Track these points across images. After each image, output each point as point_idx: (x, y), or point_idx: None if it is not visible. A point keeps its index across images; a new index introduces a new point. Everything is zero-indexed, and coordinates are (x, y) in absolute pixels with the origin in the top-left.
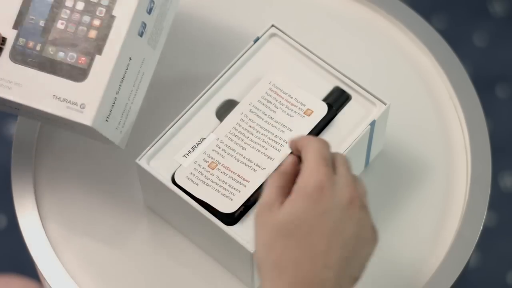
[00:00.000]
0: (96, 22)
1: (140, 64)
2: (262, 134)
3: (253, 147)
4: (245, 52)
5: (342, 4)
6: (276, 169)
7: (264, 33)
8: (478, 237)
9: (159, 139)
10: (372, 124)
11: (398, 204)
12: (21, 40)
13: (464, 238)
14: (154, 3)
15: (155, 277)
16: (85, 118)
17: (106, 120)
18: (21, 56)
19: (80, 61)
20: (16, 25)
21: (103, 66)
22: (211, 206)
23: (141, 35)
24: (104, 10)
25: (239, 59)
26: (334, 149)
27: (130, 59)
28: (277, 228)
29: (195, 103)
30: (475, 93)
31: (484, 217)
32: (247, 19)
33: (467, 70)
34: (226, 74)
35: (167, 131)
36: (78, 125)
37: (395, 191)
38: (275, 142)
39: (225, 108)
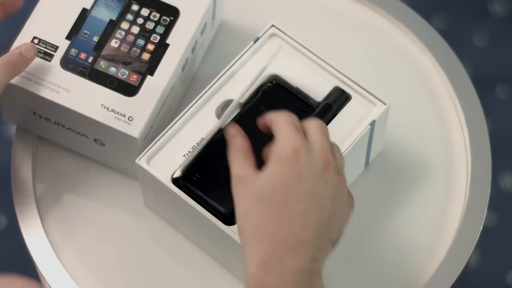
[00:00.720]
0: (150, 47)
1: (174, 95)
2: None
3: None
4: (245, 52)
5: (342, 4)
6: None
7: (264, 33)
8: (478, 237)
9: (159, 139)
10: (372, 124)
11: (398, 204)
12: (73, 51)
13: (464, 238)
14: (196, 44)
15: (155, 277)
16: (132, 130)
17: (143, 139)
18: (72, 65)
19: (131, 78)
20: (69, 37)
21: (154, 86)
22: (211, 206)
23: (182, 69)
24: (158, 37)
25: (239, 59)
26: None
27: (172, 88)
28: (255, 195)
29: (195, 103)
30: (475, 93)
31: (484, 217)
32: (247, 19)
33: (467, 70)
34: (226, 74)
35: (167, 131)
36: (114, 139)
37: (395, 191)
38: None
39: (225, 108)
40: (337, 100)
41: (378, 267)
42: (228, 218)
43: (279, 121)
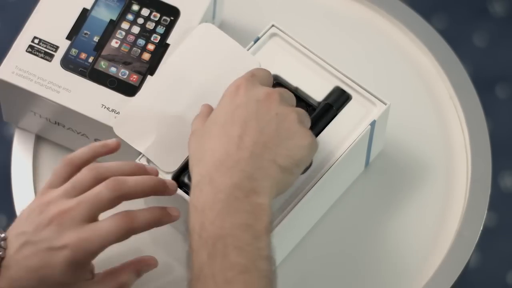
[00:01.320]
0: (150, 47)
1: None
2: None
3: None
4: None
5: (342, 4)
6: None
7: (264, 33)
8: (478, 237)
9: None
10: (372, 124)
11: (398, 204)
12: (74, 51)
13: (464, 238)
14: None
15: (155, 277)
16: None
17: None
18: (72, 65)
19: (131, 78)
20: (70, 37)
21: (156, 84)
22: None
23: None
24: (158, 37)
25: None
26: (334, 149)
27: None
28: (202, 131)
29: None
30: (475, 93)
31: (484, 217)
32: (247, 19)
33: (467, 70)
34: None
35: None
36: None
37: (395, 191)
38: None
39: None
40: (338, 100)
41: (378, 267)
42: None
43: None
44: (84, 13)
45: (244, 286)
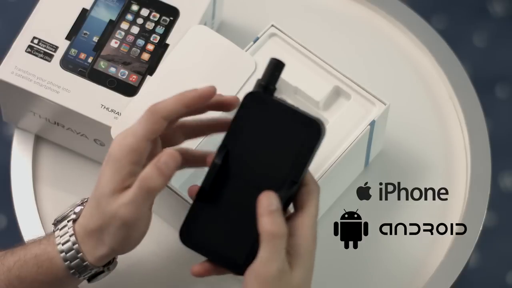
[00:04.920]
0: (150, 47)
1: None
2: None
3: None
4: None
5: (342, 5)
6: (275, 234)
7: (264, 33)
8: (478, 237)
9: None
10: (372, 124)
11: (398, 204)
12: (73, 51)
13: (464, 238)
14: None
15: (155, 277)
16: None
17: None
18: (71, 65)
19: (131, 78)
20: (69, 37)
21: (153, 85)
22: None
23: None
24: (158, 37)
25: None
26: (333, 149)
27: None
28: None
29: None
30: (475, 93)
31: (484, 217)
32: (246, 19)
33: (466, 70)
34: None
35: None
36: None
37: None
38: None
39: None
40: (272, 75)
41: (378, 266)
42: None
43: (314, 204)
44: (84, 13)
45: None
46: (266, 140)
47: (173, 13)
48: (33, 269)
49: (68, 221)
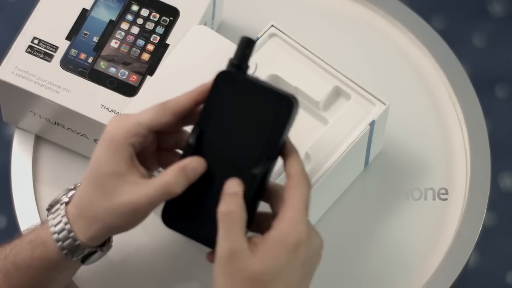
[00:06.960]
0: (150, 47)
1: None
2: None
3: None
4: None
5: (342, 5)
6: (226, 213)
7: (264, 33)
8: (477, 237)
9: None
10: (372, 124)
11: (398, 204)
12: (73, 51)
13: (464, 238)
14: None
15: (155, 277)
16: None
17: None
18: (72, 65)
19: (131, 79)
20: (69, 37)
21: (153, 86)
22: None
23: None
24: (158, 37)
25: None
26: (333, 149)
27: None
28: (252, 278)
29: None
30: (475, 93)
31: (484, 217)
32: (246, 19)
33: (466, 70)
34: None
35: None
36: None
37: (395, 191)
38: None
39: None
40: (243, 53)
41: (377, 267)
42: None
43: (297, 194)
44: (84, 14)
45: None
46: (239, 118)
47: (173, 13)
48: (27, 254)
49: (61, 204)
